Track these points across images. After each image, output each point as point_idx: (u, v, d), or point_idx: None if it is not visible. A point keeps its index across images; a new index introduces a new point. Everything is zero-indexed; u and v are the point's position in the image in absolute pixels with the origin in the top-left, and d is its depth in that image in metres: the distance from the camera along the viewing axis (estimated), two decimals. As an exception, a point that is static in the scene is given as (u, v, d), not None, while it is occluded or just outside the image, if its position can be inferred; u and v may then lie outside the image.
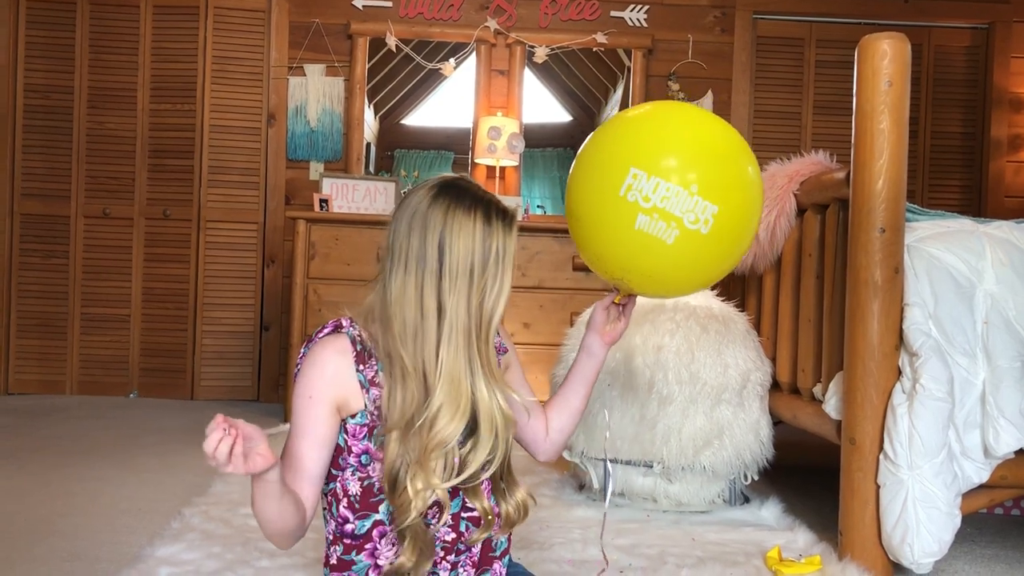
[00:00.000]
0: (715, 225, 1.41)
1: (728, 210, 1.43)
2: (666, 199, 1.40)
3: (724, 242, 1.46)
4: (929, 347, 1.91)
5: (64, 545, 2.08)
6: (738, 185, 1.46)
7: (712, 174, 1.43)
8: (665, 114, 1.56)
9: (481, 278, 1.28)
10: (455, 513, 1.36)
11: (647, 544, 2.17)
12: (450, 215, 1.28)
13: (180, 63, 4.57)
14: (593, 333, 1.60)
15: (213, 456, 1.14)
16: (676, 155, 1.44)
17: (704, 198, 1.40)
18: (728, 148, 1.48)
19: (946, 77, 4.80)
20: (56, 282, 4.54)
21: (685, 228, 1.40)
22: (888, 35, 1.96)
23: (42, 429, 3.59)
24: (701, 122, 1.51)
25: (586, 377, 1.61)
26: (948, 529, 1.88)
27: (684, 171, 1.42)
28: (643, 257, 1.46)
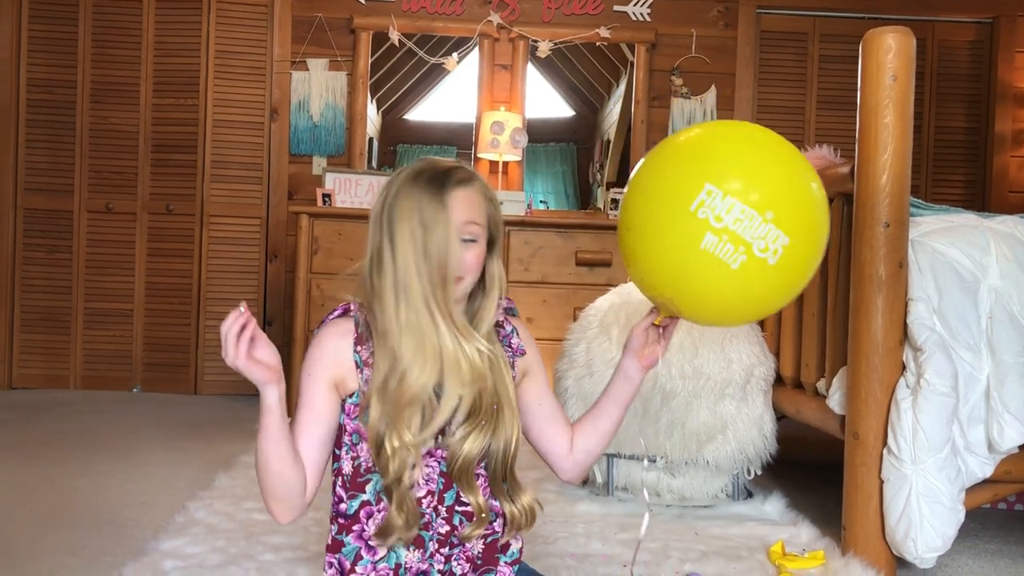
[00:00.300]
0: (783, 257, 1.32)
1: (799, 244, 1.34)
2: (739, 222, 1.30)
3: (788, 276, 1.37)
4: (933, 342, 1.91)
5: (69, 538, 2.09)
6: (812, 221, 1.38)
7: (789, 204, 1.35)
8: (746, 133, 1.46)
9: (423, 229, 1.31)
10: (449, 506, 1.36)
11: (650, 538, 2.17)
12: (399, 179, 1.36)
13: (183, 57, 4.57)
14: (630, 356, 1.49)
15: (226, 332, 1.21)
16: (756, 178, 1.36)
17: (777, 227, 1.31)
18: (806, 181, 1.40)
19: (950, 72, 4.79)
20: (59, 277, 4.55)
21: (753, 255, 1.31)
22: (893, 29, 1.95)
23: (46, 423, 3.60)
24: (781, 149, 1.44)
25: (620, 400, 1.50)
26: (952, 524, 1.88)
27: (762, 196, 1.33)
28: (702, 279, 1.36)
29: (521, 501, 1.40)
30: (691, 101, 4.68)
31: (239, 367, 1.22)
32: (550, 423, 1.50)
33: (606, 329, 2.58)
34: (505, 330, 1.46)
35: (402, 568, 1.35)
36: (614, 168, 4.84)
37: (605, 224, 4.16)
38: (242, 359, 1.21)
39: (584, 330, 2.67)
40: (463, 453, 1.33)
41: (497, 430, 1.36)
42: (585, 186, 4.98)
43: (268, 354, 1.25)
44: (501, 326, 1.45)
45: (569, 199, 4.97)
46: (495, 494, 1.39)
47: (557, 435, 1.50)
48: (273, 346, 1.25)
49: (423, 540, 1.35)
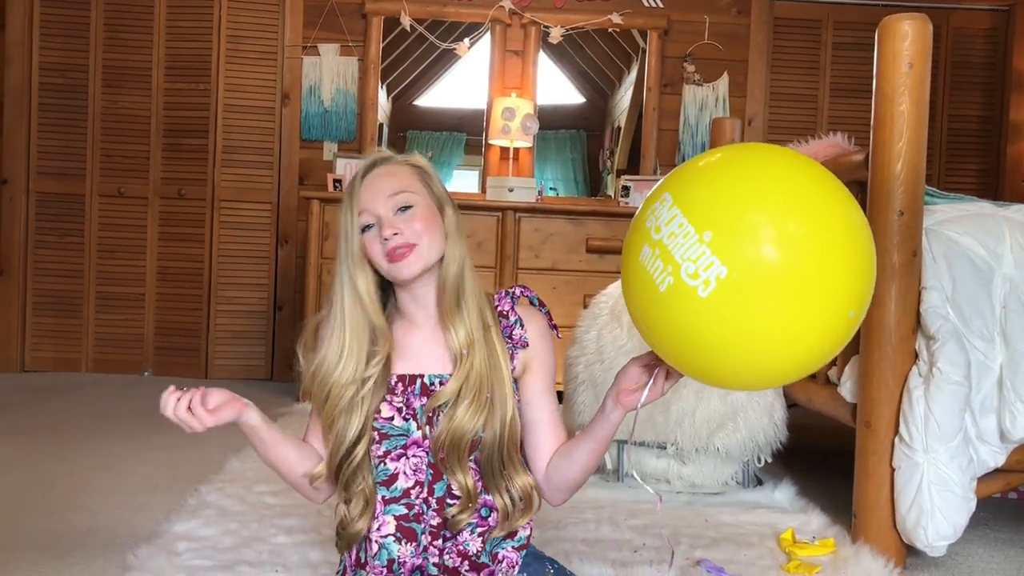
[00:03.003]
0: (717, 292, 1.05)
1: (744, 286, 1.05)
2: (673, 236, 1.09)
3: (726, 321, 1.07)
4: (946, 331, 1.90)
5: (82, 520, 2.11)
6: (778, 266, 1.05)
7: (741, 229, 1.06)
8: (763, 154, 1.17)
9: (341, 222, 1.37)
10: (439, 497, 1.34)
11: (660, 525, 2.17)
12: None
13: (195, 42, 4.57)
14: (612, 390, 1.33)
15: (174, 415, 1.24)
16: (714, 189, 1.11)
17: (714, 252, 1.05)
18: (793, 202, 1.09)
19: (964, 60, 4.76)
20: (71, 261, 4.57)
21: (680, 279, 1.07)
22: (910, 16, 1.94)
23: (58, 406, 3.63)
24: (784, 166, 1.13)
25: (594, 436, 1.35)
26: (963, 513, 1.87)
27: (707, 209, 1.08)
28: (634, 297, 1.18)
29: (515, 488, 1.36)
30: (703, 88, 4.66)
31: (209, 426, 1.26)
32: (531, 428, 1.41)
33: (617, 316, 2.58)
34: (508, 320, 1.41)
35: (395, 564, 1.34)
36: (624, 155, 4.83)
37: (616, 211, 4.15)
38: (209, 421, 1.26)
39: (595, 317, 2.67)
40: (450, 430, 1.31)
41: (491, 419, 1.33)
42: (595, 173, 4.97)
43: (219, 397, 1.29)
44: (506, 316, 1.41)
45: (579, 186, 4.96)
46: (487, 488, 1.36)
47: (537, 445, 1.41)
48: (214, 389, 1.29)
49: (415, 533, 1.34)
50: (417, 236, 1.33)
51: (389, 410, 1.35)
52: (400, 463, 1.34)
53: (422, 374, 1.36)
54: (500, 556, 1.39)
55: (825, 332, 1.10)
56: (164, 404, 1.24)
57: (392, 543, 1.34)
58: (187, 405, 1.23)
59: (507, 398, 1.35)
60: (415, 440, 1.34)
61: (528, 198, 4.27)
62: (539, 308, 1.45)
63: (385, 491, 1.35)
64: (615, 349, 2.52)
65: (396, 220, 1.33)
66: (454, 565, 1.36)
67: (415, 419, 1.34)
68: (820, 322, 1.08)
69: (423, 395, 1.35)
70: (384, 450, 1.34)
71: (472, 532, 1.36)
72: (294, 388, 4.22)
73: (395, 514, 1.34)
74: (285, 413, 3.55)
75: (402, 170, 1.39)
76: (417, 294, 1.38)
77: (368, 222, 1.34)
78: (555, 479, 1.40)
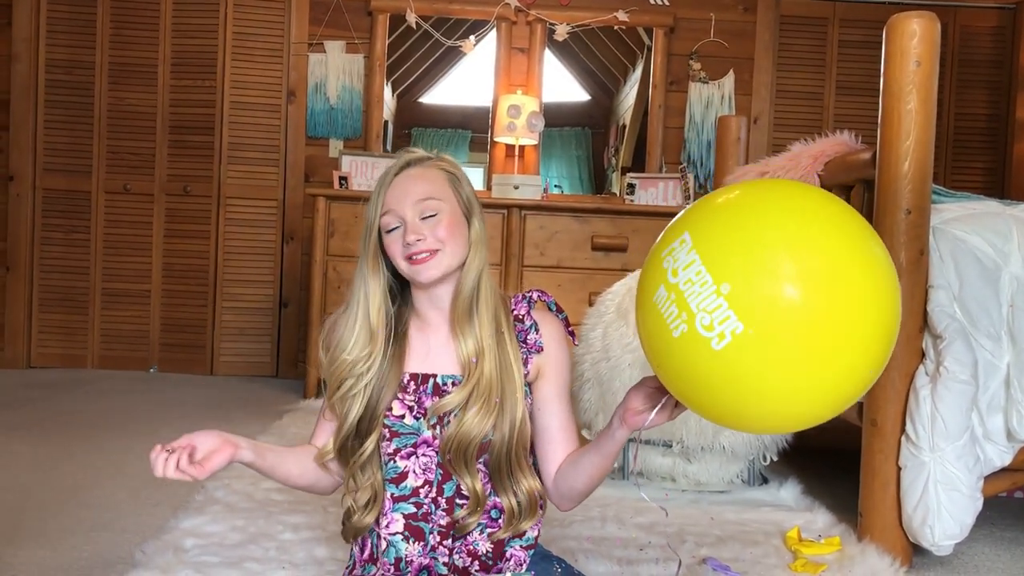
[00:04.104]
0: (732, 347, 1.02)
1: (761, 344, 1.02)
2: (690, 283, 1.06)
3: (740, 378, 1.05)
4: (953, 329, 1.90)
5: (89, 516, 2.11)
6: (794, 321, 1.02)
7: (760, 286, 1.02)
8: (781, 191, 1.14)
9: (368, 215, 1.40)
10: (449, 497, 1.35)
11: (666, 523, 2.18)
12: None
13: (201, 39, 4.57)
14: (620, 408, 1.29)
15: (164, 476, 1.21)
16: (735, 238, 1.06)
17: (731, 307, 1.02)
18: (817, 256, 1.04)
19: (971, 58, 4.75)
20: (77, 257, 4.58)
21: (695, 329, 1.05)
22: (918, 14, 1.94)
23: (65, 402, 3.64)
24: (810, 213, 1.08)
25: (600, 451, 1.33)
26: (969, 512, 1.87)
27: (727, 261, 1.04)
28: (647, 337, 1.16)
29: (521, 491, 1.36)
30: (709, 86, 4.66)
31: (204, 476, 1.25)
32: (542, 434, 1.41)
33: (623, 314, 2.58)
34: (523, 324, 1.41)
35: (403, 562, 1.34)
36: (629, 153, 4.83)
37: (621, 209, 4.15)
38: (201, 475, 1.24)
39: (601, 315, 2.67)
40: (457, 434, 1.31)
41: (501, 422, 1.33)
42: (600, 171, 4.97)
43: (209, 443, 1.27)
44: (521, 320, 1.42)
45: (584, 184, 4.96)
46: (496, 489, 1.36)
47: (547, 451, 1.41)
48: (203, 433, 1.27)
49: (423, 532, 1.34)
50: (440, 243, 1.33)
51: (400, 408, 1.35)
52: (410, 461, 1.35)
53: (435, 374, 1.37)
54: (508, 554, 1.40)
55: (842, 390, 1.08)
56: (154, 466, 1.21)
57: (400, 541, 1.34)
58: (176, 464, 1.21)
59: (517, 402, 1.35)
60: (425, 439, 1.35)
61: (533, 196, 4.27)
62: (556, 314, 1.45)
63: (394, 489, 1.35)
64: (621, 347, 2.52)
65: (421, 225, 1.33)
66: (464, 565, 1.36)
67: (426, 419, 1.35)
68: (837, 381, 1.06)
69: (435, 395, 1.35)
70: (394, 447, 1.35)
71: (482, 532, 1.36)
72: (300, 385, 4.23)
73: (404, 512, 1.35)
74: (290, 410, 3.56)
75: (433, 174, 1.38)
76: (434, 296, 1.39)
77: (394, 224, 1.35)
78: (562, 486, 1.40)
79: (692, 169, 4.61)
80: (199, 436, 1.26)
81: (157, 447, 1.22)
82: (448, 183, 1.38)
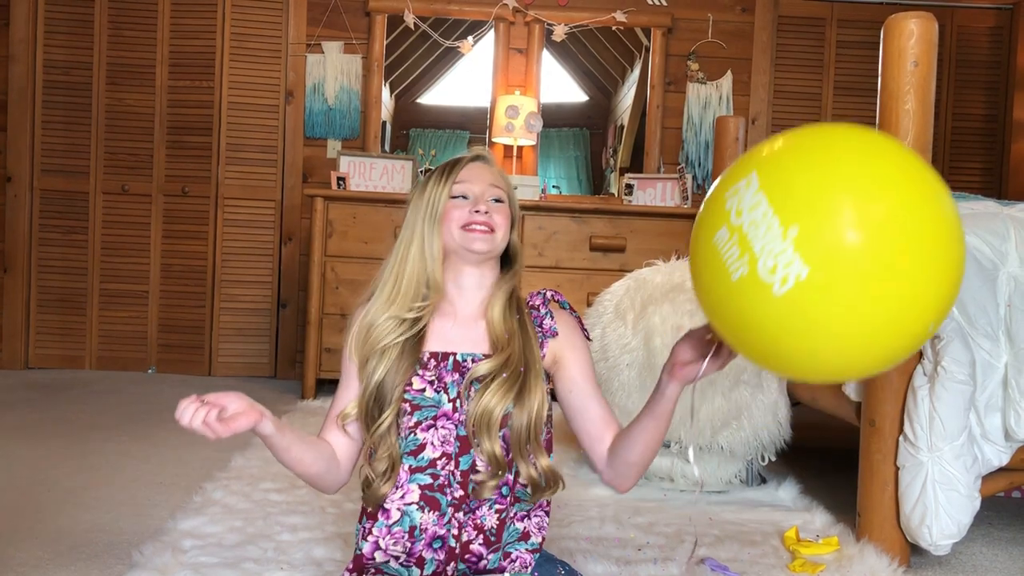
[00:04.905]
0: (795, 293, 0.99)
1: (826, 289, 0.98)
2: (754, 224, 1.01)
3: (800, 324, 1.01)
4: (951, 329, 1.90)
5: (88, 517, 2.11)
6: (862, 264, 0.98)
7: (831, 228, 0.99)
8: (855, 135, 1.09)
9: (426, 193, 1.46)
10: (464, 471, 1.38)
11: (664, 523, 2.18)
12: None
13: (199, 40, 4.57)
14: (667, 364, 1.32)
15: (189, 427, 1.24)
16: (808, 178, 1.03)
17: (797, 250, 0.98)
18: (902, 214, 1.00)
19: (968, 58, 4.76)
20: (75, 258, 4.57)
21: (756, 273, 1.01)
22: (915, 15, 1.94)
23: (63, 403, 3.63)
24: (884, 158, 1.05)
25: (652, 413, 1.36)
26: (967, 512, 1.88)
27: (797, 202, 1.00)
28: (703, 279, 1.12)
29: (540, 464, 1.41)
30: (707, 86, 4.66)
31: (224, 437, 1.26)
32: (582, 416, 1.46)
33: (621, 314, 2.58)
34: (539, 312, 1.49)
35: (417, 530, 1.37)
36: (627, 153, 4.83)
37: (620, 209, 4.15)
38: (224, 433, 1.25)
39: (599, 315, 2.67)
40: (482, 405, 1.35)
41: (522, 397, 1.38)
42: (598, 171, 4.97)
43: (237, 405, 1.29)
44: (537, 308, 1.49)
45: (582, 184, 4.96)
46: (517, 460, 1.40)
47: (593, 434, 1.45)
48: (232, 394, 1.29)
49: (438, 503, 1.37)
50: (498, 225, 1.44)
51: (421, 383, 1.40)
52: (428, 433, 1.38)
53: (455, 352, 1.42)
54: (514, 556, 1.42)
55: (902, 341, 1.05)
56: (182, 413, 1.23)
57: (415, 510, 1.37)
58: (203, 419, 1.23)
59: (539, 383, 1.40)
60: (445, 412, 1.38)
61: (531, 196, 4.27)
62: (570, 312, 1.53)
63: (412, 460, 1.38)
64: (619, 348, 2.52)
65: (488, 204, 1.44)
66: (468, 539, 1.39)
67: (446, 392, 1.39)
68: (899, 331, 1.03)
69: (455, 371, 1.40)
70: (415, 420, 1.38)
71: (491, 508, 1.39)
72: (298, 385, 4.22)
73: (420, 483, 1.38)
74: (289, 411, 3.56)
75: (501, 176, 1.51)
76: (462, 283, 1.46)
77: (463, 193, 1.44)
78: (618, 464, 1.42)
79: (690, 169, 4.62)
80: (228, 396, 1.28)
81: (192, 396, 1.25)
82: (509, 189, 1.51)
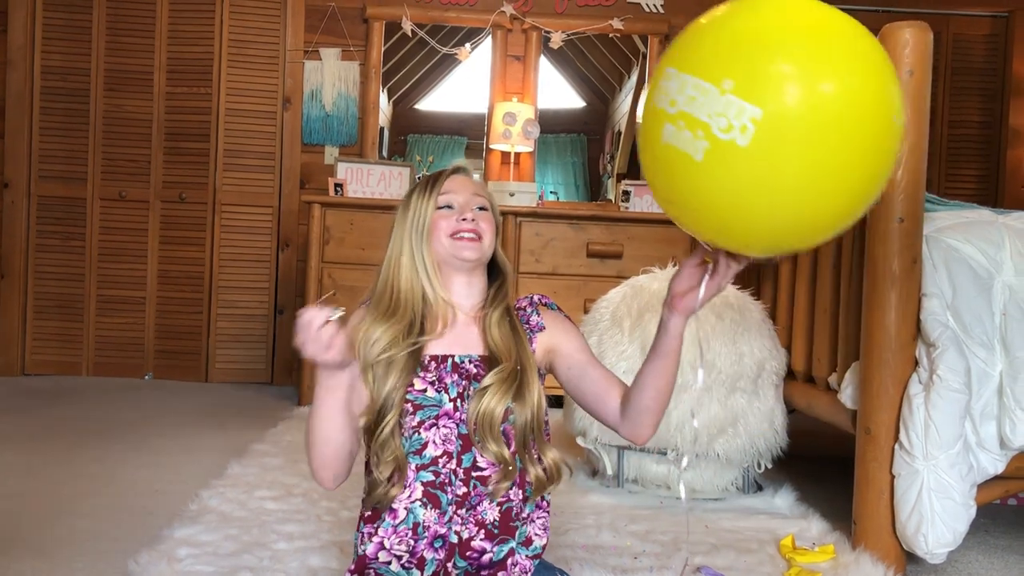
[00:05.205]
0: (759, 135, 1.00)
1: (780, 113, 1.00)
2: (692, 100, 1.04)
3: (775, 161, 1.02)
4: (947, 338, 1.90)
5: (84, 525, 2.11)
6: (801, 77, 1.01)
7: (754, 65, 1.02)
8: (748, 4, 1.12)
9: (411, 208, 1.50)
10: (466, 468, 1.40)
11: (660, 531, 2.18)
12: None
13: (196, 46, 4.57)
14: (665, 300, 1.36)
15: (308, 328, 1.23)
16: (713, 43, 1.08)
17: (740, 96, 1.01)
18: (797, 32, 1.05)
19: (964, 66, 4.77)
20: (73, 264, 4.57)
21: (715, 138, 1.02)
22: (910, 24, 1.94)
23: (59, 410, 3.63)
24: (784, 9, 1.08)
25: (658, 352, 1.38)
26: (963, 520, 1.88)
27: (716, 60, 1.05)
28: (675, 181, 1.11)
29: (547, 459, 1.45)
30: (704, 93, 4.66)
31: (318, 357, 1.25)
32: (589, 385, 1.50)
33: (618, 321, 2.58)
34: (526, 312, 1.55)
35: (420, 527, 1.39)
36: (625, 160, 4.83)
37: (617, 216, 4.16)
38: (331, 353, 1.25)
39: (596, 322, 2.67)
40: (483, 407, 1.38)
41: (521, 396, 1.41)
42: (595, 177, 4.98)
43: (343, 339, 1.27)
44: (524, 309, 1.55)
45: (579, 190, 4.97)
46: (520, 459, 1.43)
47: (601, 396, 1.49)
48: (344, 334, 1.27)
49: (439, 500, 1.39)
50: (484, 233, 1.48)
51: (422, 383, 1.42)
52: (430, 432, 1.40)
53: (452, 354, 1.45)
54: (515, 562, 1.44)
55: (880, 146, 1.05)
56: (308, 320, 1.23)
57: (418, 507, 1.39)
58: (319, 328, 1.23)
59: (535, 380, 1.45)
60: (446, 411, 1.41)
61: (529, 203, 4.28)
62: (558, 311, 1.60)
63: (417, 459, 1.40)
64: (616, 354, 2.52)
65: (474, 212, 1.48)
66: (469, 535, 1.40)
67: (447, 392, 1.42)
68: (874, 132, 1.04)
69: (454, 372, 1.43)
70: (418, 420, 1.41)
71: (492, 502, 1.41)
72: (294, 392, 4.22)
73: (423, 480, 1.40)
74: (285, 417, 3.55)
75: (482, 187, 1.56)
76: (454, 292, 1.50)
77: (448, 203, 1.48)
78: (632, 414, 1.44)
79: (687, 176, 4.62)
80: (341, 334, 1.26)
81: (319, 307, 1.25)
82: (491, 199, 1.55)
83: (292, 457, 2.78)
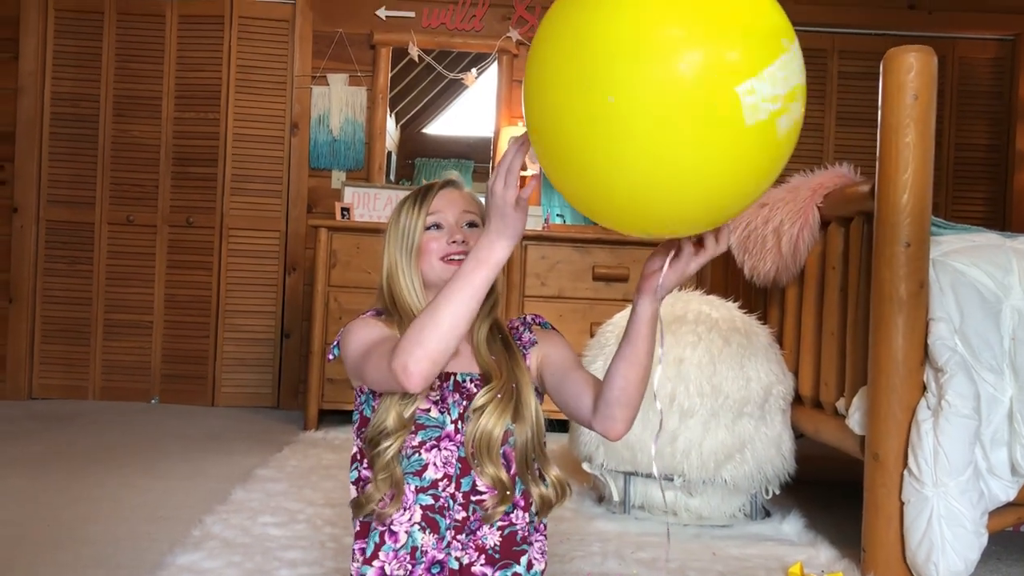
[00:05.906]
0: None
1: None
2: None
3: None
4: (955, 363, 1.89)
5: (87, 551, 2.10)
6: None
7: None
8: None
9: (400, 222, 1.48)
10: (465, 492, 1.38)
11: (668, 558, 2.15)
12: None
13: (205, 72, 4.61)
14: (638, 283, 1.34)
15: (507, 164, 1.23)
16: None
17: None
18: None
19: (970, 89, 4.77)
20: (80, 288, 4.58)
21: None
22: (915, 49, 1.95)
23: (65, 434, 3.62)
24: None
25: (628, 338, 1.35)
26: (974, 547, 1.85)
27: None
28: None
29: (549, 476, 1.43)
30: (710, 117, 4.67)
31: (508, 203, 1.21)
32: (569, 386, 1.44)
33: (624, 346, 2.57)
34: (519, 331, 1.53)
35: (418, 551, 1.37)
36: (632, 183, 4.83)
37: (622, 239, 4.15)
38: (507, 196, 1.21)
39: (602, 346, 2.66)
40: (480, 428, 1.37)
41: (520, 412, 1.40)
42: (603, 201, 4.97)
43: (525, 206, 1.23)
44: (516, 328, 1.54)
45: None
46: (522, 480, 1.41)
47: (579, 394, 1.43)
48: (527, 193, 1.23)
49: (438, 525, 1.37)
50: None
51: (426, 403, 1.41)
52: (432, 454, 1.39)
53: (454, 372, 1.43)
54: None
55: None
56: (514, 154, 1.23)
57: (417, 531, 1.37)
58: (513, 180, 1.22)
59: (532, 398, 1.43)
60: (448, 433, 1.40)
61: (535, 226, 4.28)
62: (551, 329, 1.58)
63: (417, 480, 1.38)
64: (622, 379, 2.50)
65: (463, 231, 1.46)
66: (470, 561, 1.38)
67: (448, 413, 1.41)
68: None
69: (456, 391, 1.42)
70: (419, 440, 1.39)
71: (492, 527, 1.40)
72: (300, 416, 4.21)
73: (422, 504, 1.38)
74: (291, 442, 3.54)
75: (473, 200, 1.52)
76: None
77: (437, 222, 1.46)
78: (602, 407, 1.38)
79: (693, 200, 4.61)
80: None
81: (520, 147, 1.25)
82: (482, 211, 1.50)
83: (296, 483, 2.77)
